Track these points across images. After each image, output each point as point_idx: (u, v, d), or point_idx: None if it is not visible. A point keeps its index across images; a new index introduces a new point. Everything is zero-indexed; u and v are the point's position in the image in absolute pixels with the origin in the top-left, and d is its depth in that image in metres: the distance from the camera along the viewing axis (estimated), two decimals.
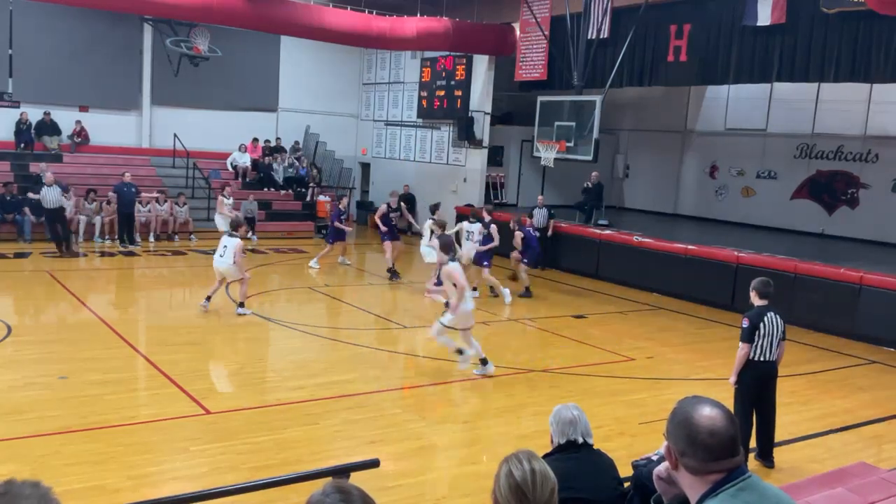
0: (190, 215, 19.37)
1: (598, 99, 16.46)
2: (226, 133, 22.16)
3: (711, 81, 17.13)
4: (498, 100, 20.99)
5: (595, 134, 16.46)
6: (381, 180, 24.21)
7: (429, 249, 13.15)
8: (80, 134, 20.66)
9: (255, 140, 22.89)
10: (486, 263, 13.64)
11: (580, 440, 4.07)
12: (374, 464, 4.84)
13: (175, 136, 21.10)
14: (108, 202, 17.85)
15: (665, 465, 3.44)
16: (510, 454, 2.75)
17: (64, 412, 7.30)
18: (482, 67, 20.40)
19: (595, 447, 4.19)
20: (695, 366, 10.42)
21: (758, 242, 15.48)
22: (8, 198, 17.36)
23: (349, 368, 9.45)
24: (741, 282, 14.06)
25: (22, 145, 19.74)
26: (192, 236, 19.11)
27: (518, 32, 19.07)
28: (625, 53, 16.12)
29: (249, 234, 19.73)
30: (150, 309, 12.62)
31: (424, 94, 21.98)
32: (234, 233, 11.75)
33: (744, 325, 6.83)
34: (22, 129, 19.74)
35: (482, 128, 20.57)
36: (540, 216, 16.89)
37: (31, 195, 17.10)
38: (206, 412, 7.43)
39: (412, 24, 18.33)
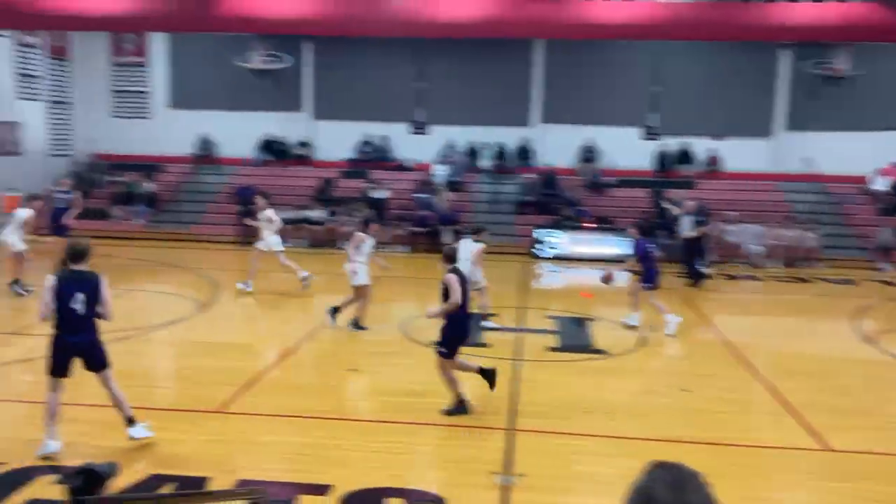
0: (818, 242, 18.34)
1: None
2: (864, 155, 20.38)
3: None
4: None
5: None
6: None
7: None
8: (713, 161, 21.56)
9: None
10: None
11: None
12: None
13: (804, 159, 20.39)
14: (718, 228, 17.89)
15: None
16: None
17: (682, 422, 7.58)
18: None
19: None
20: None
21: None
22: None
23: None
24: None
25: (658, 173, 21.49)
26: (819, 263, 18.01)
27: None
28: None
29: (882, 267, 17.65)
30: (766, 334, 12.27)
31: None
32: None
33: None
34: (661, 159, 21.55)
35: None
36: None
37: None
38: (825, 448, 6.85)
39: None
